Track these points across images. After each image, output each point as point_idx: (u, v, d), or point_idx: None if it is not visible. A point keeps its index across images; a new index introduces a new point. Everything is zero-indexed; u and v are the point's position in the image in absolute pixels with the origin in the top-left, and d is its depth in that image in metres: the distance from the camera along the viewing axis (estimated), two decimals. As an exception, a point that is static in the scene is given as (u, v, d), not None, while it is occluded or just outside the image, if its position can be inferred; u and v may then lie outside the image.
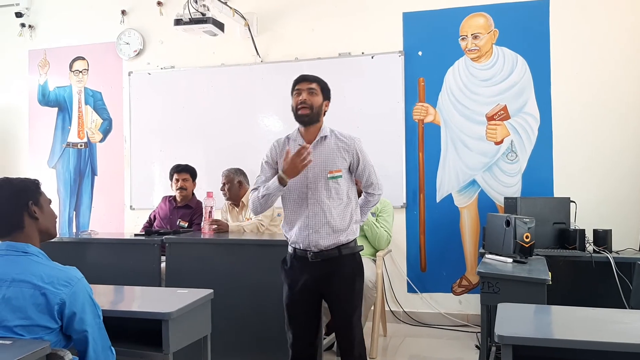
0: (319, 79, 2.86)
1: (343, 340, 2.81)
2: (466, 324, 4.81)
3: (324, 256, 2.74)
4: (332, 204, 2.73)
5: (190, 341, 2.60)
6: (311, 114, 2.76)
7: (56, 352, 1.87)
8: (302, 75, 2.87)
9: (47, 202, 2.14)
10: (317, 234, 2.72)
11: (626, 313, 2.59)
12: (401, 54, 5.02)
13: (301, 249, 2.77)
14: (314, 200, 2.74)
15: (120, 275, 3.78)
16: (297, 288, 2.78)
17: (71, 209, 6.01)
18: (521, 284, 3.17)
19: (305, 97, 2.77)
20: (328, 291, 2.78)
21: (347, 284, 2.77)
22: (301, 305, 2.79)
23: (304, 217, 2.75)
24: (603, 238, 4.06)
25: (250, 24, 5.29)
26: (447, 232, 4.94)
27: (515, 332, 1.99)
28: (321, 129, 2.82)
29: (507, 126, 4.80)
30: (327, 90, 2.87)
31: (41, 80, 6.11)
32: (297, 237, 2.77)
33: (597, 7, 4.64)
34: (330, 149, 2.78)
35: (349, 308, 2.76)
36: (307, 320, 2.81)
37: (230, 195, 4.57)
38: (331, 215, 2.73)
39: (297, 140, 2.82)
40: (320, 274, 2.75)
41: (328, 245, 2.73)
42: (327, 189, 2.74)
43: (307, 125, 2.80)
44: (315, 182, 2.74)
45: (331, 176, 2.74)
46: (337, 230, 2.74)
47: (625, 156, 4.56)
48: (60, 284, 1.94)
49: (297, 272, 2.79)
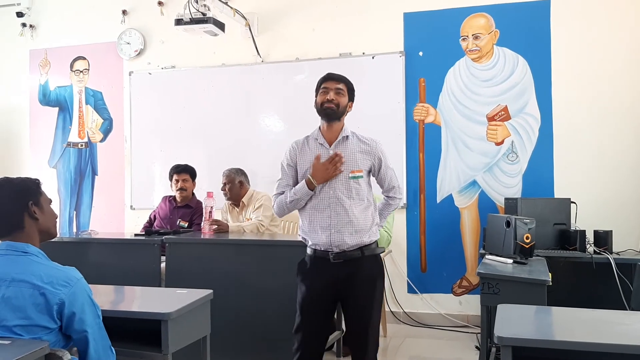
0: (346, 79, 2.84)
1: (357, 344, 2.75)
2: (466, 325, 4.80)
3: (347, 257, 2.69)
4: (353, 203, 2.71)
5: (189, 341, 2.60)
6: (336, 110, 2.75)
7: (55, 352, 1.87)
8: (329, 74, 2.84)
9: (48, 202, 2.14)
10: (340, 234, 2.68)
11: (627, 314, 2.59)
12: (402, 55, 5.02)
13: (322, 250, 2.72)
14: (335, 200, 2.70)
15: (120, 275, 3.78)
16: (315, 290, 2.73)
17: (71, 208, 6.01)
18: (521, 285, 3.16)
19: (333, 97, 2.75)
20: (347, 294, 2.72)
21: (369, 286, 2.73)
22: (316, 307, 2.74)
23: (325, 217, 2.71)
24: (604, 239, 4.05)
25: (251, 24, 5.29)
26: (448, 233, 4.93)
27: (514, 334, 1.99)
28: (343, 129, 2.80)
29: (507, 127, 4.80)
30: (352, 91, 2.85)
31: (42, 80, 6.11)
32: (318, 237, 2.72)
33: (598, 8, 4.63)
34: (352, 149, 2.77)
35: (367, 311, 2.71)
36: (319, 321, 2.76)
37: (231, 196, 4.56)
38: (353, 214, 2.69)
39: (319, 139, 2.79)
40: (341, 275, 2.70)
41: (351, 245, 2.69)
42: (348, 188, 2.71)
43: (331, 120, 2.77)
44: (336, 182, 2.71)
45: (352, 175, 2.72)
46: (359, 230, 2.70)
47: (626, 157, 4.55)
48: (60, 284, 1.94)
49: (317, 274, 2.74)
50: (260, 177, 5.06)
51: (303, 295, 2.76)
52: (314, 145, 2.80)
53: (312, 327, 2.74)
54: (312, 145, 2.80)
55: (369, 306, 2.72)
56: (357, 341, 2.75)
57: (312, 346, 2.75)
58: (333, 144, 2.77)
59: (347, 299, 2.74)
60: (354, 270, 2.70)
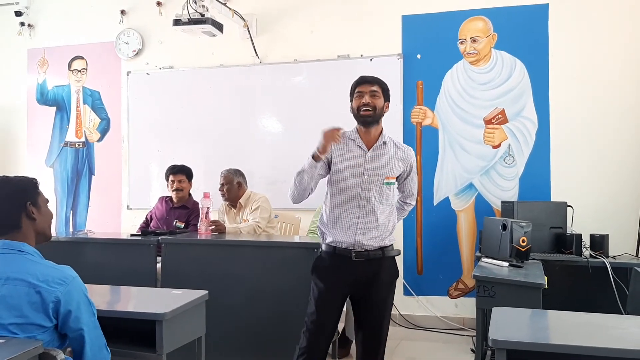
0: (380, 80, 2.83)
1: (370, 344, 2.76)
2: (462, 328, 4.80)
3: (369, 256, 2.71)
4: (381, 208, 2.74)
5: (184, 342, 2.59)
6: (374, 114, 2.75)
7: (49, 351, 1.87)
8: (362, 77, 2.83)
9: (45, 202, 2.14)
10: (365, 236, 2.71)
11: (622, 319, 2.59)
12: (400, 57, 5.02)
13: (343, 247, 2.72)
14: (366, 203, 2.72)
15: (116, 276, 3.77)
16: (334, 287, 2.73)
17: (68, 208, 6.00)
18: (517, 288, 3.15)
19: (369, 100, 2.74)
20: (364, 293, 2.73)
21: (387, 287, 2.78)
22: (333, 305, 2.74)
23: (352, 218, 2.72)
24: (600, 243, 4.05)
25: (249, 25, 5.29)
26: (444, 235, 4.94)
27: (509, 337, 1.99)
28: (382, 133, 2.80)
29: (504, 130, 4.80)
30: (387, 91, 2.84)
31: (40, 79, 6.10)
32: (341, 236, 2.72)
33: (596, 12, 4.64)
34: (389, 155, 2.78)
35: (381, 313, 2.75)
36: (330, 319, 2.75)
37: (229, 196, 4.55)
38: (381, 219, 2.73)
39: (356, 141, 2.79)
40: (363, 274, 2.71)
41: (375, 246, 2.72)
42: (381, 194, 2.74)
43: (368, 126, 2.77)
44: (370, 185, 2.73)
45: (387, 182, 2.74)
46: (382, 233, 2.74)
47: (623, 161, 4.56)
48: (55, 282, 1.94)
49: (337, 271, 2.73)
50: (257, 178, 5.06)
51: (321, 291, 2.74)
52: (352, 146, 2.79)
53: (324, 323, 2.73)
54: (350, 146, 2.79)
55: (384, 307, 2.77)
56: (370, 342, 2.77)
57: (322, 343, 2.74)
58: (371, 148, 2.77)
59: (361, 299, 2.75)
60: (375, 270, 2.73)
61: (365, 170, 2.74)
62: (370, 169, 2.74)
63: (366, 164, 2.75)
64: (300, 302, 2.84)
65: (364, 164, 2.75)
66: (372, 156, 2.76)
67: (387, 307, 2.79)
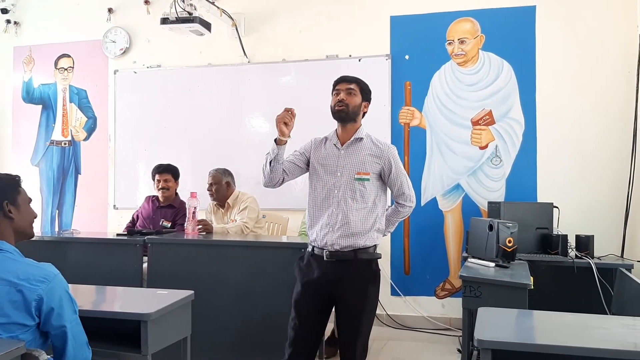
0: (359, 80, 2.85)
1: (345, 347, 2.74)
2: (449, 328, 4.82)
3: (339, 257, 2.69)
4: (355, 205, 2.71)
5: (169, 342, 2.58)
6: (347, 110, 2.75)
7: (31, 352, 1.85)
8: (342, 76, 2.86)
9: (26, 201, 2.10)
10: (334, 234, 2.69)
11: (607, 319, 2.61)
12: (388, 58, 5.03)
13: (319, 246, 2.74)
14: (337, 200, 2.71)
15: (102, 275, 3.74)
16: (308, 286, 2.73)
17: (54, 207, 5.95)
18: (503, 289, 3.17)
19: (343, 97, 2.76)
20: (339, 297, 2.71)
21: (360, 291, 2.69)
22: (309, 304, 2.73)
23: (326, 216, 2.73)
24: (585, 244, 4.09)
25: (237, 24, 5.28)
26: (431, 236, 4.95)
27: (494, 337, 2.00)
28: (358, 130, 2.81)
29: (492, 131, 4.82)
30: (366, 91, 2.85)
31: (26, 77, 6.05)
32: (317, 235, 2.74)
33: (583, 14, 4.67)
34: (363, 151, 2.77)
35: (355, 314, 2.69)
36: (312, 319, 2.73)
37: (217, 196, 4.53)
38: (352, 216, 2.69)
39: (332, 140, 2.82)
40: (333, 274, 2.69)
41: (344, 246, 2.69)
42: (352, 189, 2.72)
43: (343, 122, 2.79)
44: (342, 182, 2.73)
45: (358, 177, 2.72)
46: (355, 232, 2.70)
47: (609, 163, 4.59)
48: (37, 280, 1.92)
49: (312, 271, 2.74)
50: (245, 178, 5.04)
51: (297, 290, 2.77)
52: (328, 145, 2.83)
53: (305, 323, 2.72)
54: (327, 145, 2.83)
55: (359, 314, 2.69)
56: (345, 350, 2.74)
57: (304, 343, 2.74)
58: (345, 144, 2.78)
59: (338, 303, 2.73)
60: (345, 272, 2.69)
61: (338, 167, 2.74)
62: (342, 165, 2.74)
63: (339, 161, 2.76)
64: (287, 302, 2.83)
65: (337, 161, 2.76)
66: (346, 153, 2.76)
67: (364, 314, 2.70)
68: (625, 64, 4.55)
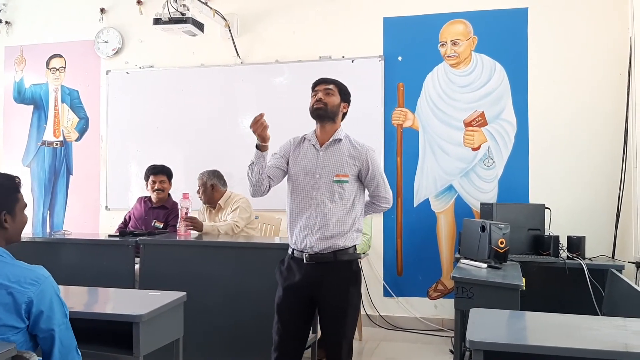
0: (337, 82, 2.84)
1: (330, 349, 2.75)
2: (441, 329, 4.83)
3: (319, 259, 2.68)
4: (334, 207, 2.70)
5: (161, 344, 2.57)
6: (326, 108, 2.75)
7: (22, 354, 1.84)
8: (321, 78, 2.85)
9: (22, 208, 2.07)
10: (314, 236, 2.68)
11: (598, 320, 2.62)
12: (381, 59, 5.04)
13: (298, 249, 2.73)
14: (316, 202, 2.70)
15: (94, 277, 3.74)
16: (289, 289, 2.73)
17: (45, 208, 5.92)
18: (495, 290, 3.18)
19: (322, 96, 2.76)
20: (320, 299, 2.71)
21: (341, 292, 2.69)
22: (291, 307, 2.73)
23: (305, 218, 2.72)
24: (577, 245, 4.11)
25: (230, 25, 5.27)
26: (424, 237, 4.96)
27: (486, 338, 2.00)
28: (337, 131, 2.80)
29: (484, 132, 4.84)
30: (345, 92, 2.84)
31: (17, 77, 6.01)
32: (296, 237, 2.74)
33: (575, 17, 4.70)
34: (341, 153, 2.76)
35: (338, 316, 2.69)
36: (295, 323, 2.73)
37: (206, 199, 4.53)
38: (332, 218, 2.68)
39: (311, 140, 2.82)
40: (313, 277, 2.68)
41: (323, 248, 2.68)
42: (331, 191, 2.71)
43: (322, 121, 2.78)
44: (321, 184, 2.72)
45: (337, 179, 2.71)
46: (334, 234, 2.69)
47: (601, 164, 4.61)
48: (28, 282, 1.91)
49: (292, 274, 2.74)
50: (238, 179, 5.02)
51: (278, 293, 2.77)
52: (307, 146, 2.82)
53: (288, 327, 2.72)
54: (306, 146, 2.82)
55: (342, 315, 2.70)
56: (331, 352, 2.74)
57: (289, 347, 2.74)
58: (324, 145, 2.77)
59: (321, 305, 2.73)
60: (325, 274, 2.68)
61: (317, 168, 2.74)
62: (321, 167, 2.74)
63: (318, 162, 2.75)
64: (279, 303, 2.85)
65: (316, 163, 2.75)
66: (324, 154, 2.76)
67: (347, 315, 2.70)
68: (616, 66, 4.58)
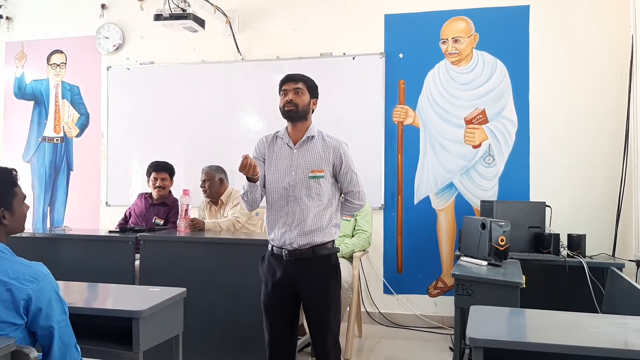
0: (305, 78, 2.85)
1: (316, 343, 2.78)
2: (441, 326, 4.83)
3: (298, 255, 2.72)
4: (311, 203, 2.72)
5: (161, 340, 2.57)
6: (297, 109, 2.76)
7: (21, 349, 1.84)
8: (287, 75, 2.85)
9: (21, 201, 2.05)
10: (292, 233, 2.72)
11: (598, 317, 2.62)
12: (382, 56, 5.03)
13: (277, 246, 2.76)
14: (293, 199, 2.73)
15: (94, 273, 3.73)
16: (272, 286, 2.77)
17: (45, 204, 5.92)
18: (495, 287, 3.18)
19: (292, 97, 2.76)
20: (302, 295, 2.75)
21: (321, 285, 2.74)
22: (276, 304, 2.77)
23: (283, 215, 2.75)
24: (577, 243, 4.10)
25: (231, 21, 5.26)
26: (424, 234, 4.96)
27: (486, 335, 2.00)
28: (309, 128, 2.81)
29: (485, 130, 4.83)
30: (313, 88, 2.85)
31: (18, 73, 6.01)
32: (275, 234, 2.77)
33: (576, 14, 4.69)
34: (316, 150, 2.78)
35: (322, 311, 2.73)
36: (282, 319, 2.78)
37: (211, 193, 4.51)
38: (309, 214, 2.72)
39: (284, 138, 2.83)
40: (294, 273, 2.72)
41: (302, 244, 2.71)
42: (308, 188, 2.73)
43: (294, 121, 2.79)
44: (296, 181, 2.74)
45: (312, 175, 2.73)
46: (312, 230, 2.72)
47: (602, 162, 4.61)
48: (27, 279, 1.90)
49: (273, 271, 2.77)
50: (238, 176, 4.97)
51: (263, 291, 2.82)
52: (280, 144, 2.83)
53: (276, 323, 2.77)
54: (279, 145, 2.83)
55: (325, 311, 2.73)
56: (318, 347, 2.78)
57: (280, 344, 2.78)
58: (297, 143, 2.79)
59: (304, 301, 2.77)
60: (305, 270, 2.72)
61: (292, 166, 2.76)
62: (296, 164, 2.76)
63: (292, 160, 2.77)
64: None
65: (291, 161, 2.77)
66: (299, 152, 2.78)
67: (330, 308, 2.74)
68: (617, 64, 4.57)
